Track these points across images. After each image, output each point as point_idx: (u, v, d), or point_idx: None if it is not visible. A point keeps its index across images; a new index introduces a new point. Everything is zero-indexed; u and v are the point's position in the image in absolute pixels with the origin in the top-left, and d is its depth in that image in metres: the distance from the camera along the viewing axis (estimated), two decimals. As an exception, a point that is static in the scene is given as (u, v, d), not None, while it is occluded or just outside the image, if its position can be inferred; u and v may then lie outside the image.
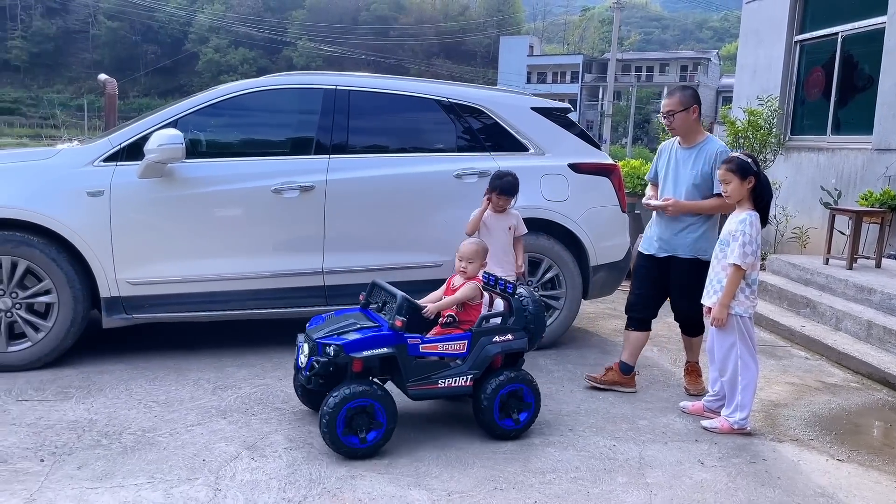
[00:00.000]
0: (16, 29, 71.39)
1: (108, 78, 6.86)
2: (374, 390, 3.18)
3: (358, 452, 3.13)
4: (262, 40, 68.45)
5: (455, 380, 3.36)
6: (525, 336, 3.50)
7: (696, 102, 4.01)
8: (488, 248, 3.85)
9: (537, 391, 3.49)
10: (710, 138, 4.06)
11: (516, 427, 3.42)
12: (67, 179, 4.19)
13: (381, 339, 3.21)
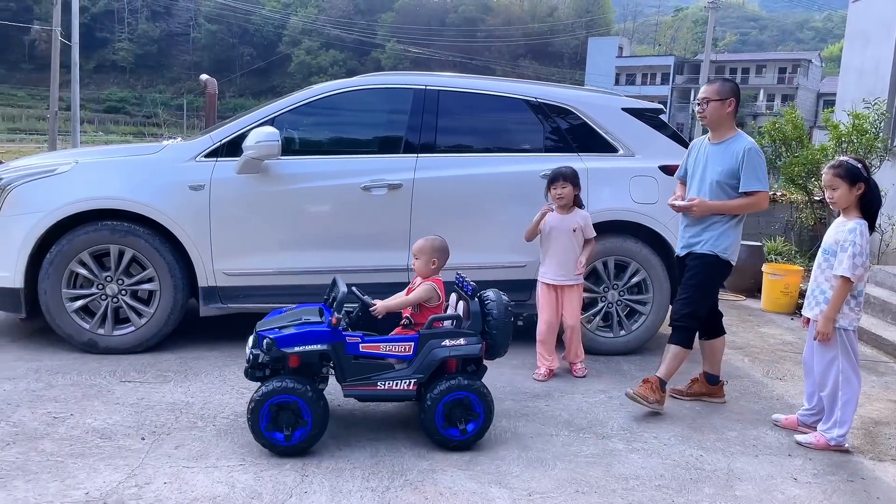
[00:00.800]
0: (123, 32, 75.56)
1: (209, 78, 7.17)
2: (302, 389, 3.04)
3: (277, 449, 3.05)
4: (351, 42, 70.01)
5: (397, 383, 3.20)
6: (479, 342, 3.25)
7: (733, 96, 3.82)
8: (446, 247, 3.57)
9: (488, 401, 3.23)
10: (740, 134, 3.85)
11: (461, 437, 3.20)
12: (172, 173, 4.42)
13: (315, 335, 3.12)
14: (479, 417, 3.22)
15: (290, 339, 3.09)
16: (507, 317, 3.35)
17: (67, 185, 4.32)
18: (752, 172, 3.72)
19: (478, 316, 3.30)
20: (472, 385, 3.21)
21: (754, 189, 3.73)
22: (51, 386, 3.74)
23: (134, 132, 55.85)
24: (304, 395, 3.03)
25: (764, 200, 3.81)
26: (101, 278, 4.34)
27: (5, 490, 2.62)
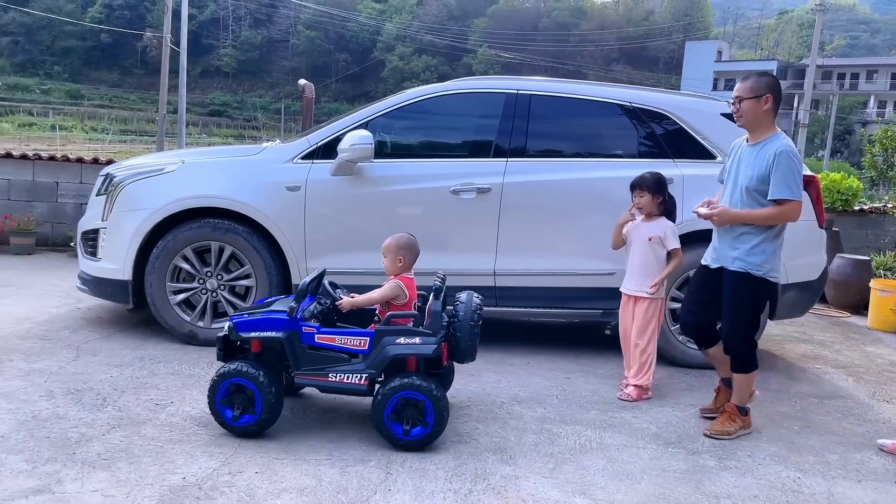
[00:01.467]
0: (227, 39, 78.95)
1: (307, 83, 7.39)
2: (255, 375, 3.12)
3: (228, 426, 3.16)
4: (444, 48, 70.70)
5: (349, 376, 3.20)
6: (435, 342, 3.14)
7: (769, 92, 3.39)
8: (413, 244, 3.54)
9: (440, 409, 3.11)
10: (777, 135, 3.42)
11: (403, 438, 3.13)
12: (270, 174, 4.58)
13: (272, 323, 3.20)
14: (427, 426, 3.13)
15: (249, 325, 3.22)
16: (472, 319, 3.26)
17: (174, 184, 4.55)
18: (781, 178, 3.30)
19: (437, 316, 3.22)
20: (422, 386, 3.11)
21: (783, 197, 3.31)
22: (154, 374, 3.95)
23: (234, 134, 58.34)
24: (258, 383, 3.11)
25: (793, 211, 3.35)
26: (202, 273, 4.54)
27: (109, 471, 2.78)
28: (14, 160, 8.13)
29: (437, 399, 3.13)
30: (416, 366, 3.24)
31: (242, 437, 3.16)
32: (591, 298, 4.67)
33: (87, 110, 60.31)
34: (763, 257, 3.40)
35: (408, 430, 3.14)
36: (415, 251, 3.55)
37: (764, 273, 3.41)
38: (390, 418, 3.14)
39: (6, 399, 3.43)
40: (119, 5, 75.45)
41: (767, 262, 3.41)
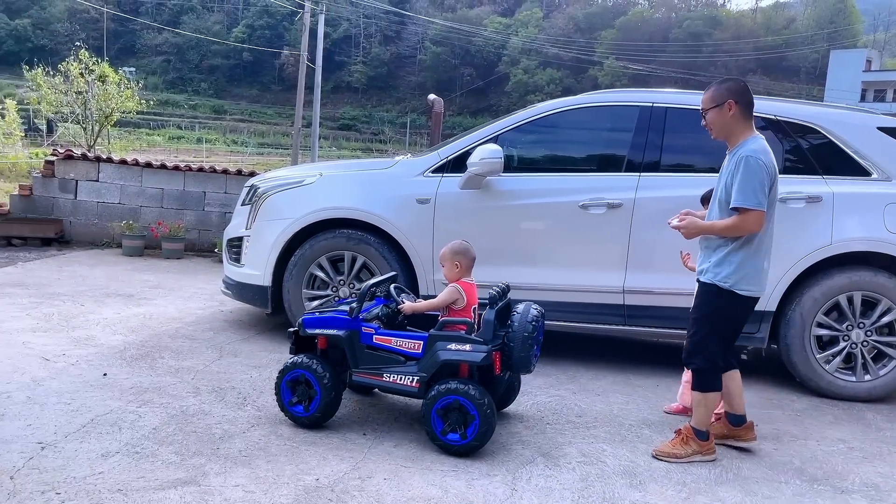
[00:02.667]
0: (358, 55, 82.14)
1: (436, 98, 7.54)
2: (311, 364, 3.33)
3: (285, 410, 3.40)
4: (569, 60, 70.11)
5: (402, 377, 3.30)
6: (486, 350, 3.14)
7: (731, 97, 3.19)
8: (467, 249, 3.54)
9: (485, 416, 3.12)
10: (748, 139, 3.19)
11: (445, 439, 3.18)
12: (402, 187, 4.70)
13: (336, 322, 3.39)
14: (474, 419, 3.14)
15: (315, 322, 3.44)
16: (526, 331, 3.26)
17: (312, 196, 4.76)
18: (739, 184, 3.10)
19: (489, 324, 3.24)
20: (469, 392, 3.14)
21: (738, 205, 3.10)
22: (289, 376, 4.12)
23: (362, 147, 60.40)
24: (314, 371, 3.33)
25: (749, 221, 3.11)
26: (336, 281, 4.72)
27: (249, 467, 2.92)
28: (167, 171, 8.80)
29: (483, 407, 3.13)
30: (468, 372, 3.26)
31: (305, 427, 3.37)
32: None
33: (229, 124, 64.41)
34: (729, 269, 3.19)
35: (460, 432, 3.18)
36: (469, 256, 3.57)
37: (730, 286, 3.19)
38: (439, 420, 3.20)
39: (158, 394, 3.69)
40: (260, 25, 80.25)
41: (733, 275, 3.19)
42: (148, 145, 40.66)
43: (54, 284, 6.21)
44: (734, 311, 3.28)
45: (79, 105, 20.35)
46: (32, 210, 8.45)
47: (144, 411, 3.43)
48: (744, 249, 3.20)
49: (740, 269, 3.19)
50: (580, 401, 4.02)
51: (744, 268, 3.20)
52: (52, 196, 8.53)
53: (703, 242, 3.36)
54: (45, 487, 2.62)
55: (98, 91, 20.15)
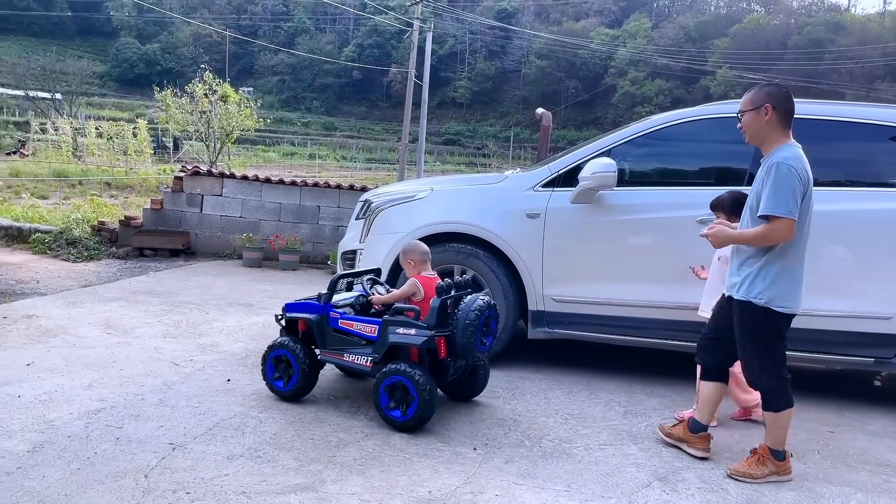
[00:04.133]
0: (463, 71, 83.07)
1: (544, 112, 7.51)
2: (291, 345, 3.81)
3: (269, 384, 3.88)
4: (679, 70, 68.12)
5: (358, 357, 3.72)
6: (427, 335, 3.48)
7: (769, 101, 3.12)
8: (415, 247, 4.01)
9: (423, 395, 3.42)
10: (782, 146, 3.10)
11: (391, 415, 3.51)
12: (512, 202, 4.69)
13: (309, 307, 3.91)
14: (414, 400, 3.44)
15: (294, 307, 3.97)
16: (468, 318, 3.53)
17: (424, 210, 4.83)
18: (769, 192, 3.00)
19: (433, 311, 3.55)
20: (403, 372, 3.46)
21: (767, 212, 2.99)
22: (400, 388, 4.19)
23: (466, 162, 60.92)
24: (293, 351, 3.80)
25: (779, 230, 2.98)
26: (445, 295, 4.76)
27: (364, 476, 2.98)
28: (285, 186, 9.19)
29: (423, 390, 3.43)
30: (418, 356, 3.59)
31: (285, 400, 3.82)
32: (862, 344, 4.17)
33: (339, 140, 66.63)
34: (763, 284, 3.08)
35: (402, 410, 3.50)
36: (418, 252, 3.97)
37: (766, 302, 3.07)
38: (385, 396, 3.54)
39: (277, 400, 3.84)
40: (369, 44, 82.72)
41: (768, 290, 3.07)
42: (264, 161, 42.67)
43: (182, 293, 6.60)
44: (775, 328, 3.14)
45: (202, 124, 21.63)
46: (162, 223, 9.03)
47: (265, 417, 3.58)
48: (779, 262, 3.07)
49: (775, 284, 3.07)
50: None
51: (779, 282, 3.07)
52: (181, 210, 9.08)
53: (735, 254, 3.27)
54: (177, 486, 2.77)
55: (220, 110, 21.36)
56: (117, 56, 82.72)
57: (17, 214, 10.90)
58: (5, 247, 8.44)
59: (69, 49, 79.97)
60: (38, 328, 5.00)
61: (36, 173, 22.08)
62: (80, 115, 42.33)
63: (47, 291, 6.26)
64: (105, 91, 71.82)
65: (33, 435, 3.16)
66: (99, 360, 4.35)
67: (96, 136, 28.76)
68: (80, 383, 3.89)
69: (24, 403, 3.54)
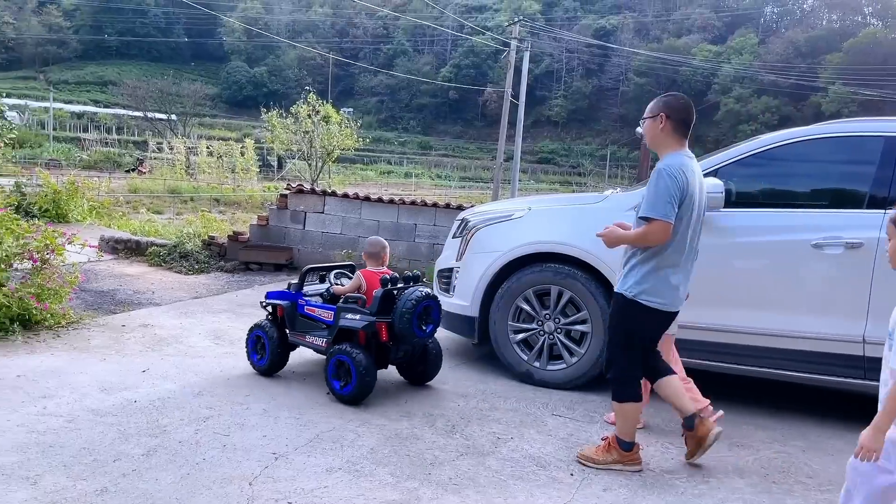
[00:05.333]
0: (559, 90, 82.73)
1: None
2: (267, 327, 4.50)
3: (251, 361, 4.57)
4: (787, 87, 65.30)
5: (317, 339, 4.36)
6: (368, 321, 4.06)
7: (664, 111, 3.33)
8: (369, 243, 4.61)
9: (360, 373, 3.93)
10: (669, 155, 3.30)
11: (340, 391, 4.04)
12: (611, 222, 4.58)
13: (283, 295, 4.63)
14: (352, 377, 3.97)
15: (272, 295, 4.69)
16: (405, 307, 4.03)
17: (521, 230, 4.81)
18: (648, 195, 3.22)
19: (376, 300, 4.10)
20: (345, 351, 4.02)
21: (644, 214, 3.20)
22: (495, 408, 4.17)
23: (560, 181, 60.46)
24: (268, 333, 4.47)
25: (654, 232, 3.16)
26: (541, 316, 4.71)
27: (459, 496, 2.98)
28: (383, 204, 9.38)
29: (360, 369, 3.94)
30: (364, 339, 4.15)
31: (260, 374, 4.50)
32: None
33: (434, 159, 67.61)
34: (634, 279, 3.30)
35: (342, 384, 4.04)
36: (371, 250, 4.57)
37: (634, 295, 3.28)
38: (332, 376, 4.08)
39: (374, 415, 3.90)
40: (466, 65, 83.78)
41: (638, 285, 3.28)
42: (361, 179, 43.81)
43: (284, 306, 6.82)
44: (640, 322, 3.32)
45: (305, 143, 22.45)
46: (268, 238, 9.39)
47: (362, 431, 3.63)
48: (652, 261, 3.27)
49: (645, 281, 3.27)
50: (810, 460, 3.64)
51: (648, 279, 3.27)
52: (285, 226, 9.42)
53: (624, 253, 3.48)
54: (279, 496, 2.85)
55: (322, 130, 22.11)
56: (227, 79, 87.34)
57: (135, 228, 11.62)
58: (124, 259, 8.99)
59: (184, 73, 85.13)
60: (153, 337, 5.28)
61: (152, 189, 23.51)
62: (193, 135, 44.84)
63: (161, 302, 6.62)
64: (216, 112, 75.84)
65: (147, 439, 3.34)
66: (208, 369, 4.55)
67: (207, 154, 30.38)
68: (190, 391, 4.08)
69: (139, 408, 3.74)
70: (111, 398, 3.86)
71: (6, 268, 5.24)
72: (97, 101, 73.61)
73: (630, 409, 3.35)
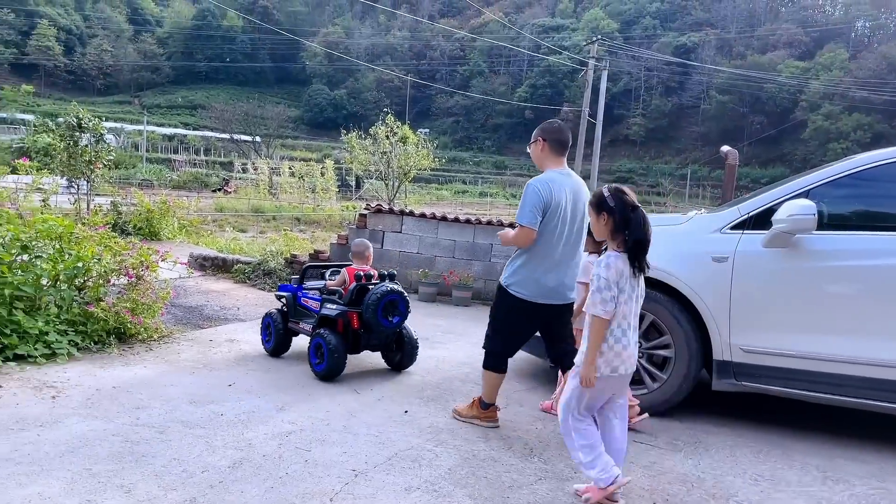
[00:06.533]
0: (637, 108, 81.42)
1: (730, 149, 7.14)
2: (275, 315, 5.44)
3: (264, 347, 5.48)
4: (880, 104, 62.22)
5: (307, 325, 5.17)
6: (340, 311, 4.87)
7: (541, 135, 4.10)
8: (355, 244, 5.32)
9: (331, 353, 4.71)
10: (546, 171, 4.02)
11: (314, 368, 4.88)
12: (696, 244, 4.48)
13: (288, 288, 5.53)
14: (325, 357, 4.76)
15: (282, 288, 5.64)
16: (371, 300, 4.81)
17: (601, 251, 4.74)
18: (520, 205, 3.89)
19: (350, 294, 4.93)
20: (324, 336, 4.79)
21: (516, 221, 3.90)
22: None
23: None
24: (274, 320, 5.42)
25: (520, 236, 3.86)
26: (622, 339, 4.61)
27: (538, 520, 2.93)
28: (459, 224, 9.44)
29: (331, 345, 4.73)
30: (342, 327, 4.90)
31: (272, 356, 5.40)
32: None
33: (508, 179, 67.51)
34: (509, 272, 4.00)
35: (318, 362, 4.84)
36: (356, 249, 5.30)
37: (506, 284, 3.98)
38: (313, 356, 4.89)
39: (451, 435, 3.90)
40: (542, 84, 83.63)
41: (511, 277, 3.98)
42: (437, 199, 44.17)
43: (362, 324, 6.92)
44: (508, 306, 3.97)
45: (383, 164, 22.84)
46: (347, 257, 9.58)
47: (440, 451, 3.64)
48: (522, 258, 3.96)
49: (515, 274, 3.95)
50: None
51: (518, 273, 3.94)
52: (362, 245, 9.59)
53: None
54: (359, 512, 2.87)
55: (399, 151, 22.46)
56: (309, 101, 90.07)
57: (220, 246, 12.06)
58: (211, 275, 9.34)
59: (268, 96, 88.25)
60: (239, 352, 5.46)
61: (236, 209, 24.39)
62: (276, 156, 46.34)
63: (246, 318, 6.83)
64: (297, 133, 78.27)
65: (233, 452, 3.44)
66: (290, 384, 4.67)
67: (289, 175, 31.32)
68: (273, 405, 4.19)
69: (226, 421, 3.86)
70: (199, 410, 4.00)
71: (104, 283, 5.52)
72: (187, 123, 77.18)
73: (490, 377, 4.05)
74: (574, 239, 3.97)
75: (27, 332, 4.79)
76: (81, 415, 3.80)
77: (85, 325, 5.18)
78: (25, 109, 65.39)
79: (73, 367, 4.67)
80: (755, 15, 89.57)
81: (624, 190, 3.19)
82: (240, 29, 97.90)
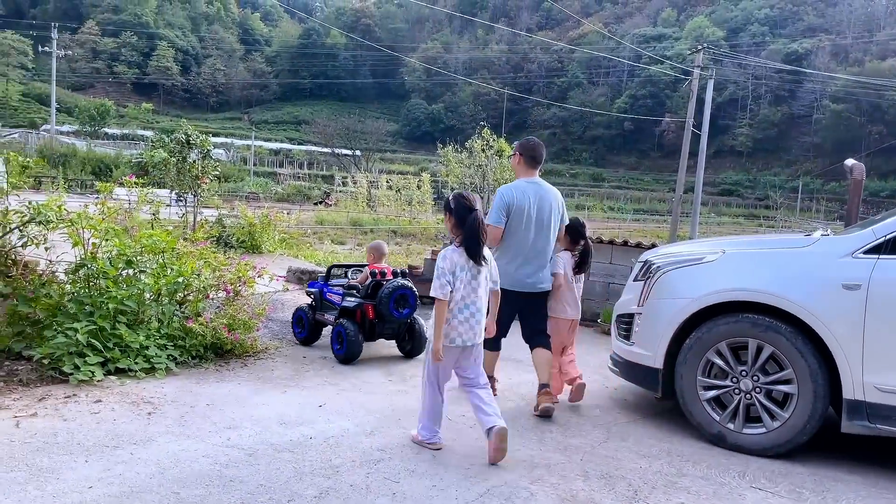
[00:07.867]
0: (744, 118, 78.11)
1: (855, 163, 6.55)
2: (306, 309, 6.22)
3: (298, 338, 6.26)
4: None
5: (330, 316, 5.92)
6: (356, 303, 5.69)
7: (518, 150, 4.88)
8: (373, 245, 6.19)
9: (349, 339, 5.49)
10: (518, 180, 4.83)
11: (336, 352, 5.65)
12: (823, 269, 4.05)
13: (316, 285, 6.32)
14: (344, 342, 5.52)
15: (311, 285, 6.41)
16: (383, 294, 5.56)
17: (714, 275, 4.37)
18: (491, 207, 4.64)
19: (365, 288, 5.72)
20: (344, 324, 5.59)
21: (486, 221, 4.27)
22: (682, 474, 3.74)
23: (744, 214, 56.80)
24: (305, 313, 6.18)
25: (492, 234, 4.47)
26: (737, 371, 4.22)
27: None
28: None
29: (349, 333, 5.48)
30: (360, 317, 5.67)
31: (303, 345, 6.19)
32: None
33: (606, 191, 66.22)
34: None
35: (339, 347, 5.56)
36: (373, 249, 6.07)
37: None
38: (335, 339, 5.64)
39: (547, 471, 3.64)
40: (642, 95, 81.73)
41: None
42: (533, 212, 43.64)
43: (455, 343, 6.75)
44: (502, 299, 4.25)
45: (479, 176, 22.77)
46: (440, 272, 9.46)
47: (536, 489, 3.39)
48: (498, 252, 4.60)
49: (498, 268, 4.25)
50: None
51: (501, 266, 4.36)
52: (457, 260, 9.44)
53: None
54: (449, 558, 2.67)
55: (495, 164, 22.32)
56: (407, 115, 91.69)
57: (319, 259, 12.24)
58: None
59: (368, 111, 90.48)
60: (331, 370, 5.39)
61: (336, 221, 24.90)
62: (374, 170, 47.23)
63: (339, 333, 6.80)
64: (395, 147, 79.76)
65: (321, 479, 3.32)
66: (380, 407, 4.54)
67: (386, 188, 31.80)
68: (363, 430, 4.06)
69: (314, 445, 3.76)
70: (289, 433, 3.92)
71: (203, 298, 5.60)
72: (292, 138, 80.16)
73: (487, 355, 4.36)
74: (543, 237, 4.69)
75: (129, 345, 4.88)
76: (175, 433, 3.80)
77: (184, 339, 5.25)
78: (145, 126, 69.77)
79: (170, 382, 4.72)
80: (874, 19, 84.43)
81: (465, 196, 3.82)
82: (342, 46, 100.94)
